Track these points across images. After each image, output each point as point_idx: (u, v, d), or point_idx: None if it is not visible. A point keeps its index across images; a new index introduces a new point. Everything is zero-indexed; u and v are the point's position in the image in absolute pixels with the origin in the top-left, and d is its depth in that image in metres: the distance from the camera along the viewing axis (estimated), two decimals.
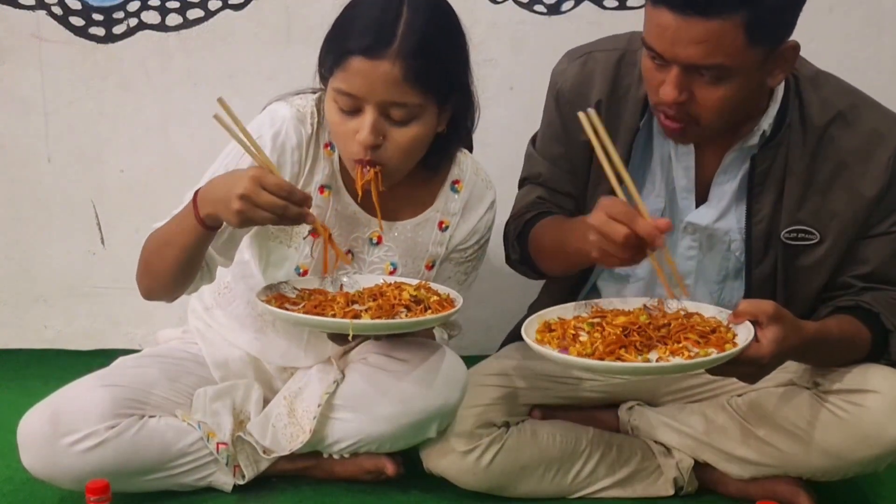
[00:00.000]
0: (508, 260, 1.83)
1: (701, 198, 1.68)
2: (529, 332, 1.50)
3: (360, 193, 1.60)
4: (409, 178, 1.65)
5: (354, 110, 1.55)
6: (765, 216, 1.63)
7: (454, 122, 1.64)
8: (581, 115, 1.46)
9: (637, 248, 1.41)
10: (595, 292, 1.81)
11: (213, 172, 1.65)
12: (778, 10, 1.43)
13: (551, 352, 1.43)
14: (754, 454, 1.68)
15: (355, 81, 1.52)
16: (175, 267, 1.60)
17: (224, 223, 1.53)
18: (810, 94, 1.60)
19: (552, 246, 1.67)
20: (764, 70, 1.48)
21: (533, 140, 1.84)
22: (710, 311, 1.53)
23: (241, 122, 1.54)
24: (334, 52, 1.55)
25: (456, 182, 1.75)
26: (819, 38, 2.28)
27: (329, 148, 1.67)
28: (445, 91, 1.58)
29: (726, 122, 1.55)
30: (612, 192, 1.64)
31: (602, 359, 1.40)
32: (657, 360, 1.40)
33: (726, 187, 1.65)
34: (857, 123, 1.59)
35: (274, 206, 1.45)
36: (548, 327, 1.52)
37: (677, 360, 1.39)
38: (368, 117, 1.53)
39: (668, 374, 1.67)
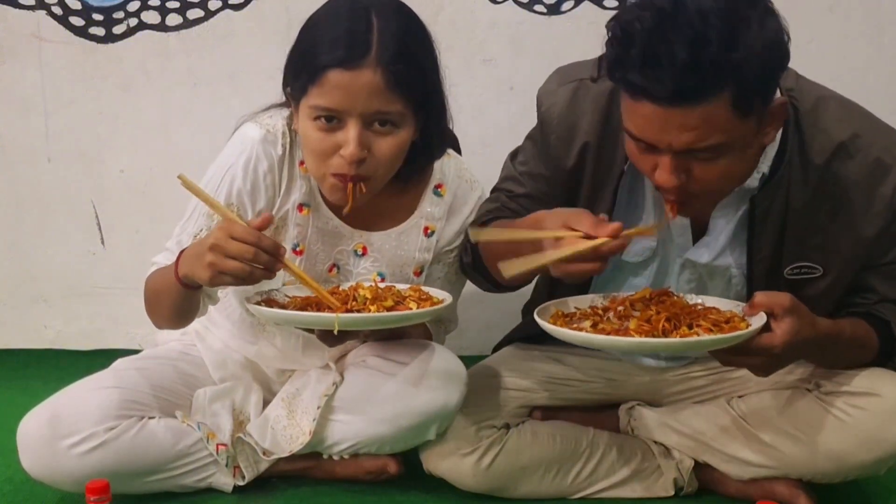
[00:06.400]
0: (461, 265, 1.79)
1: (697, 233, 1.64)
2: (544, 315, 1.49)
3: (349, 206, 1.58)
4: (387, 189, 1.64)
5: (335, 126, 1.52)
6: (766, 255, 1.59)
7: (426, 131, 1.62)
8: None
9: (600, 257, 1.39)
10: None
11: (190, 215, 1.67)
12: (760, 79, 1.36)
13: (561, 329, 1.43)
14: (755, 456, 1.68)
15: (335, 95, 1.49)
16: (172, 313, 1.63)
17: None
18: (810, 128, 1.54)
19: (503, 244, 1.59)
20: (758, 133, 1.43)
21: (513, 154, 1.77)
22: (726, 305, 1.52)
23: (203, 190, 1.52)
24: (307, 70, 1.51)
25: (438, 186, 1.74)
26: (819, 38, 2.29)
27: (304, 165, 1.65)
28: (422, 97, 1.56)
29: (729, 189, 1.52)
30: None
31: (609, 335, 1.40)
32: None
33: (725, 225, 1.61)
34: (858, 154, 1.53)
35: (243, 253, 1.42)
36: (561, 315, 1.52)
37: (684, 338, 1.38)
38: (352, 130, 1.51)
39: (674, 350, 1.64)
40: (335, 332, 1.51)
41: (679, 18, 1.30)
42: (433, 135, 1.64)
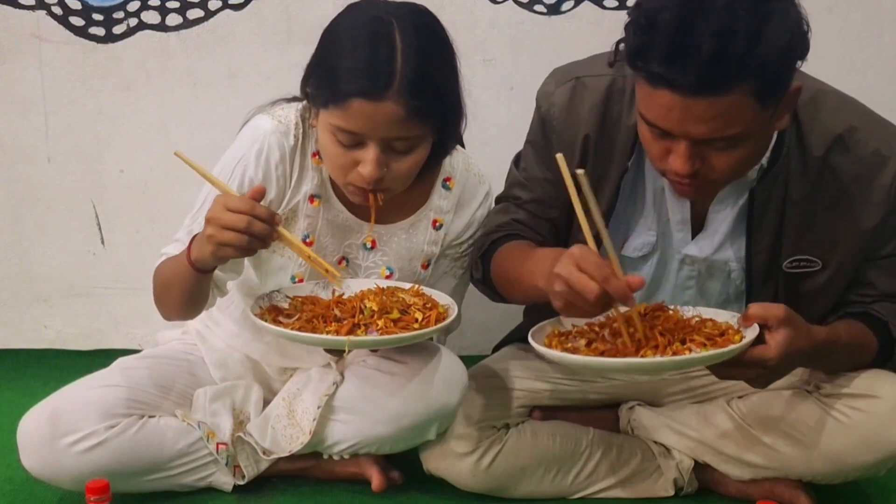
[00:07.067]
0: (471, 279, 1.79)
1: (696, 228, 1.64)
2: (538, 337, 1.49)
3: (372, 219, 1.63)
4: None
5: (355, 144, 1.53)
6: (765, 248, 1.59)
7: (443, 134, 1.62)
8: (558, 156, 1.36)
9: (606, 304, 1.36)
10: None
11: (200, 206, 1.67)
12: (782, 70, 1.36)
13: (550, 352, 1.43)
14: (755, 456, 1.68)
15: (357, 122, 1.50)
16: (182, 302, 1.62)
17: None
18: (808, 120, 1.54)
19: (512, 275, 1.61)
20: (773, 119, 1.42)
21: (516, 160, 1.76)
22: (723, 316, 1.51)
23: (199, 165, 1.53)
24: (329, 88, 1.52)
25: (447, 179, 1.74)
26: (819, 38, 2.25)
27: (317, 157, 1.66)
28: (443, 115, 1.56)
29: (741, 175, 1.51)
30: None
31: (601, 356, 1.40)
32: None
33: (723, 219, 1.61)
34: (856, 147, 1.54)
35: (238, 223, 1.44)
36: (557, 334, 1.51)
37: (675, 357, 1.38)
38: (371, 153, 1.52)
39: (665, 370, 1.64)
40: (345, 354, 1.52)
41: (705, 10, 1.29)
42: (449, 137, 1.65)
